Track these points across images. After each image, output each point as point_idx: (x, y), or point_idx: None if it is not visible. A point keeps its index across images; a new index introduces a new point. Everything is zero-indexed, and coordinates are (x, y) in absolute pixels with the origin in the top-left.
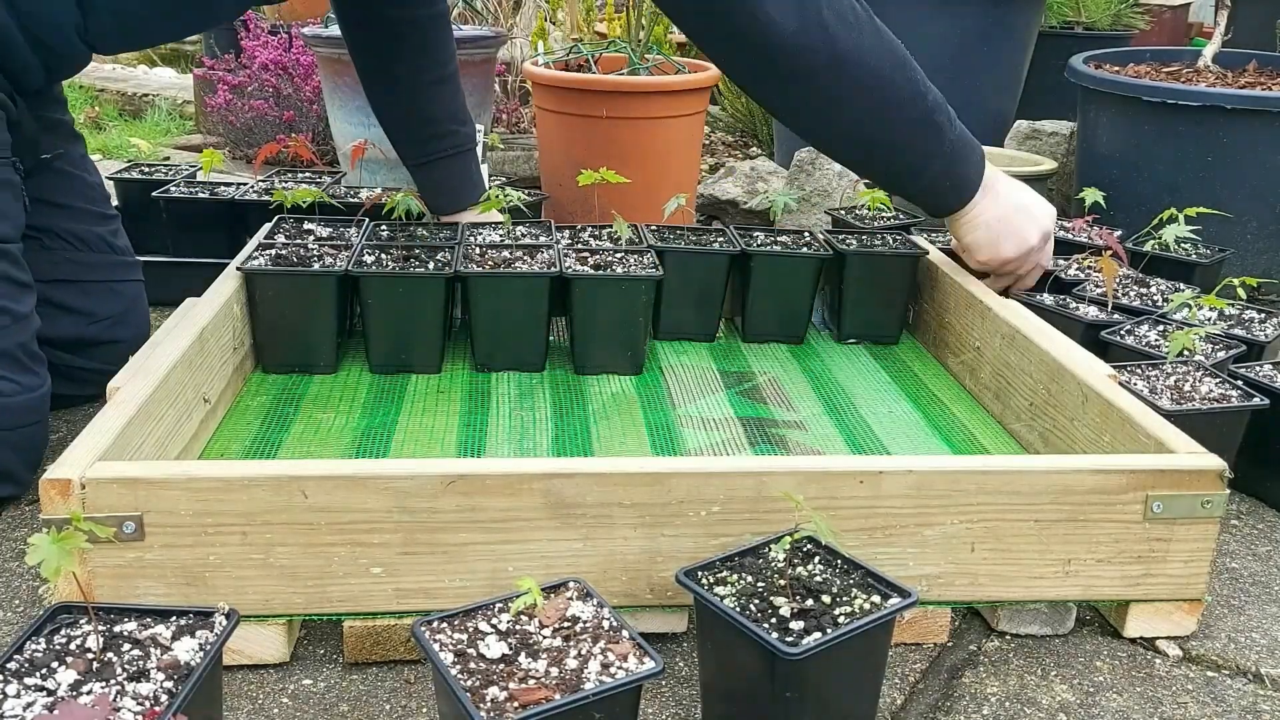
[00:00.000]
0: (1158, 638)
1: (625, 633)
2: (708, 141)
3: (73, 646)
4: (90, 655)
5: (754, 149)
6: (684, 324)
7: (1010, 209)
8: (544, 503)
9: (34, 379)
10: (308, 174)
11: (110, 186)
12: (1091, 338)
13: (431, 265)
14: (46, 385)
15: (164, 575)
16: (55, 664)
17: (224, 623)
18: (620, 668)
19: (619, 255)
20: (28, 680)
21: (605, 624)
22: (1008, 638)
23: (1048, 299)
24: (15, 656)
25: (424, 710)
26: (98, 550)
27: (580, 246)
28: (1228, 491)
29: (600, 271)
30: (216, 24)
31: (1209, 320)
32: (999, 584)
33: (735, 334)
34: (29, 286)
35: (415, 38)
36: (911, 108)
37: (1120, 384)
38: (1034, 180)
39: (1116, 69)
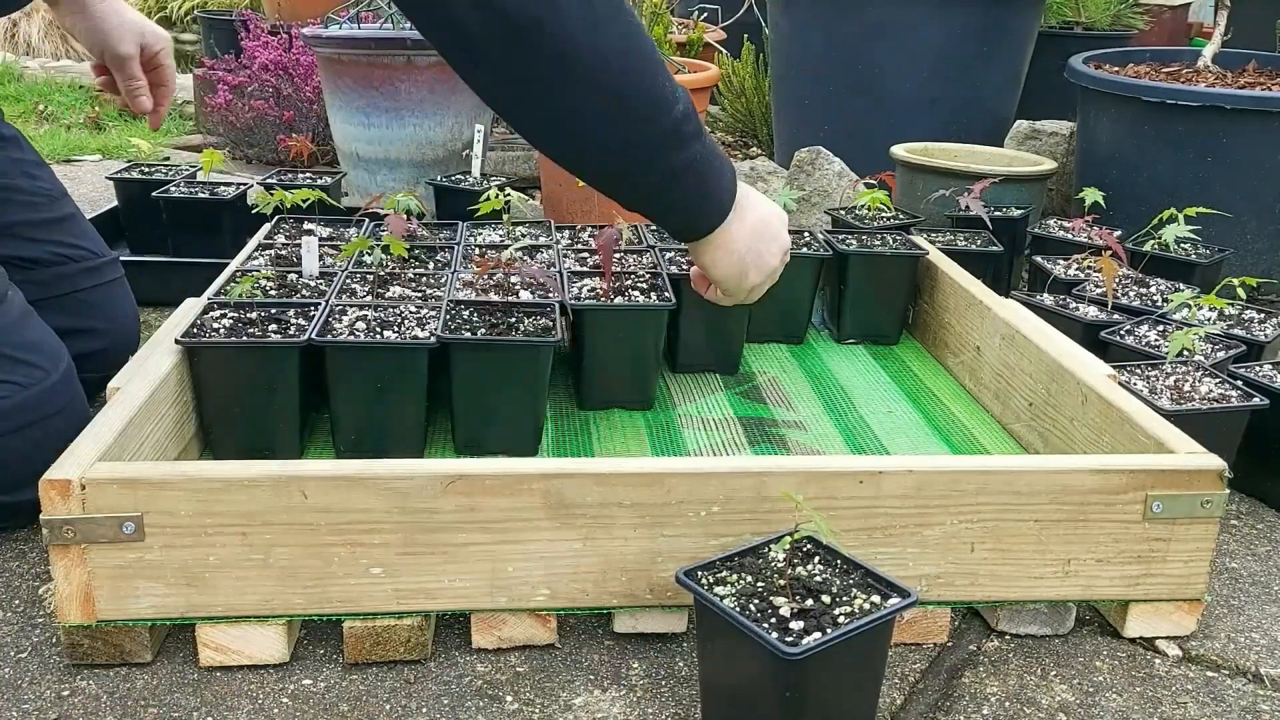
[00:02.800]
0: (1157, 638)
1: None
2: None
3: None
4: None
5: (754, 149)
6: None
7: (755, 229)
8: (544, 503)
9: (34, 371)
10: (309, 174)
11: (110, 187)
12: (1091, 338)
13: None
14: (57, 371)
15: (164, 575)
16: None
17: None
18: (869, 601)
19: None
20: None
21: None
22: (1007, 638)
23: (1047, 299)
24: None
25: (424, 710)
26: (97, 551)
27: (580, 247)
28: (1227, 491)
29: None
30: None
31: (1208, 320)
32: (999, 584)
33: None
34: None
35: None
36: (657, 117)
37: (1120, 384)
38: (1034, 180)
39: (1116, 69)
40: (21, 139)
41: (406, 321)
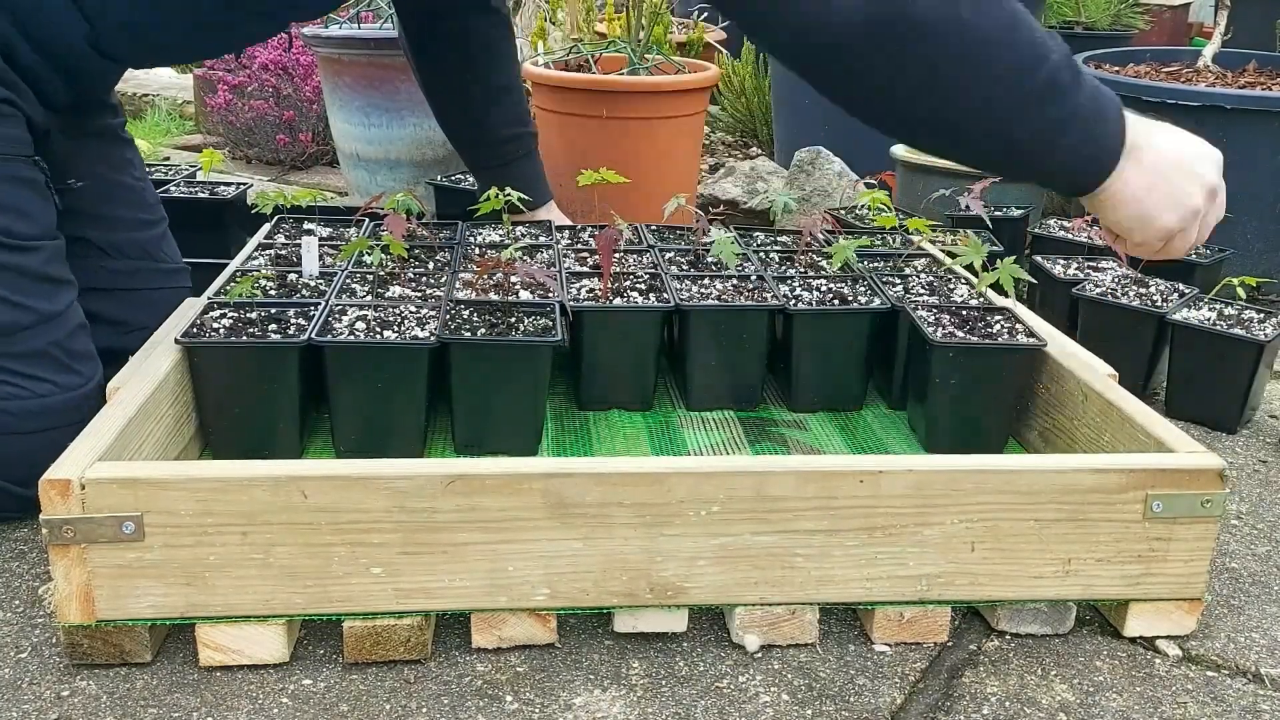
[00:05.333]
0: (1157, 637)
1: None
2: (708, 141)
3: None
4: None
5: (754, 149)
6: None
7: (1166, 169)
8: (544, 503)
9: (73, 378)
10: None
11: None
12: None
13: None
14: (91, 383)
15: (164, 575)
16: None
17: None
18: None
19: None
20: None
21: None
22: (1007, 637)
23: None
24: None
25: (424, 710)
26: (97, 550)
27: (580, 247)
28: (1228, 491)
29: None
30: (229, 52)
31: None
32: (999, 583)
33: None
34: (65, 283)
35: (480, 46)
36: (1028, 75)
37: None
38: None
39: (1116, 69)
40: (134, 146)
41: (406, 321)
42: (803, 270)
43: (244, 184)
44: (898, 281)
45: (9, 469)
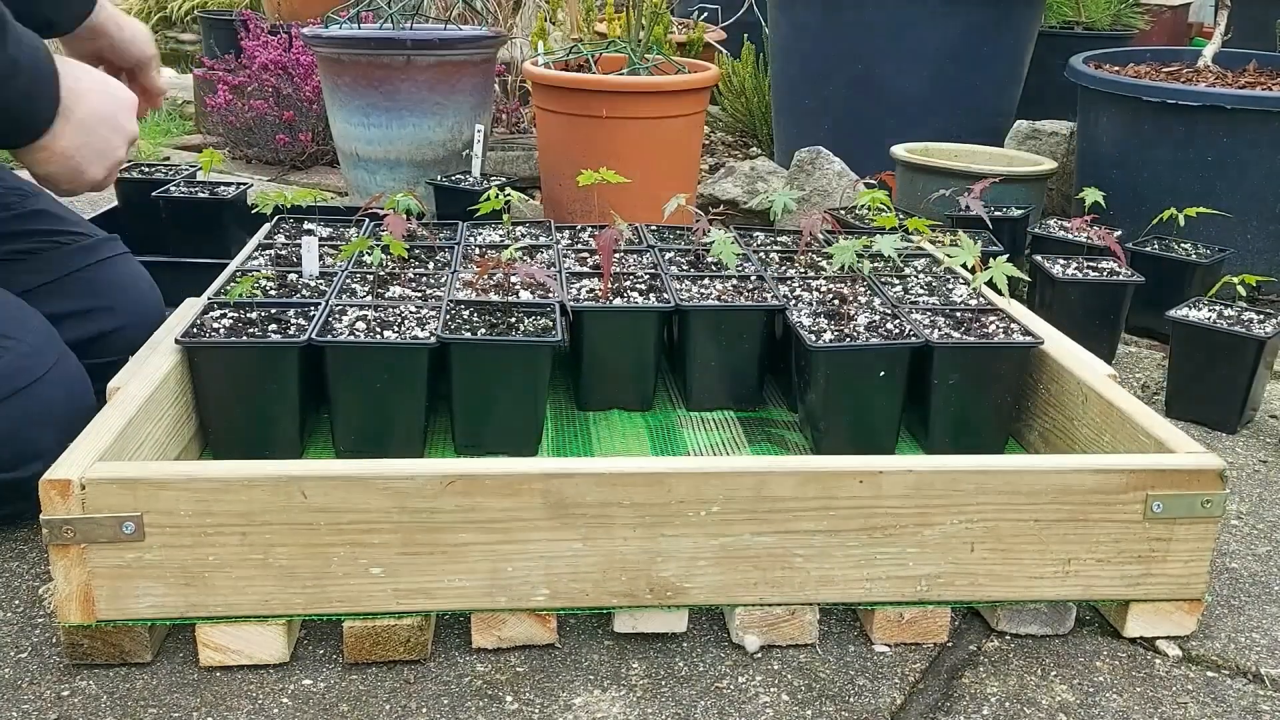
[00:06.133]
0: (1158, 637)
1: None
2: (708, 141)
3: None
4: None
5: (754, 149)
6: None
7: (91, 124)
8: (543, 503)
9: None
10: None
11: (109, 188)
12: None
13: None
14: (23, 345)
15: (164, 575)
16: None
17: None
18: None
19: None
20: None
21: None
22: (1007, 638)
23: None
24: None
25: (424, 710)
26: (97, 550)
27: (580, 247)
28: (1228, 491)
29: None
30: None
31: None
32: (999, 584)
33: None
34: None
35: None
36: None
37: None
38: (1034, 180)
39: (1116, 69)
40: None
41: (406, 321)
42: (802, 270)
43: (244, 184)
44: (896, 281)
45: None
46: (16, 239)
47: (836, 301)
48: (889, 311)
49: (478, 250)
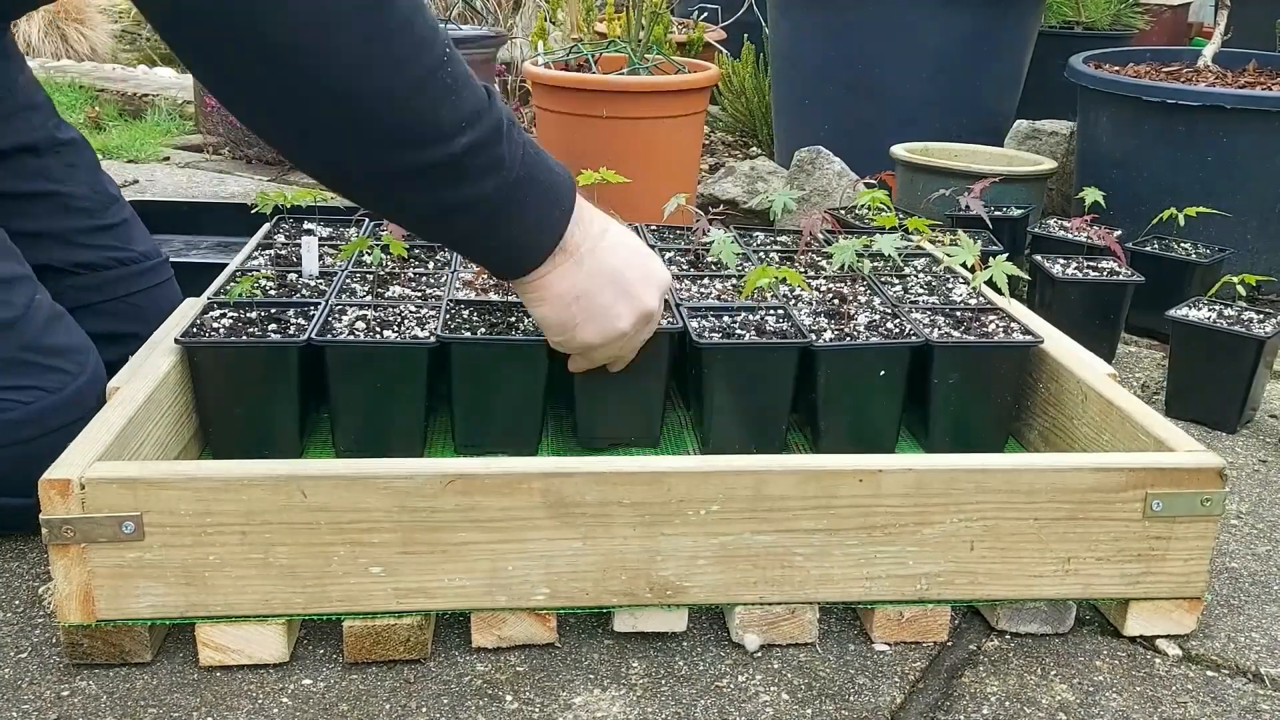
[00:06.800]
0: (1157, 637)
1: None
2: (708, 141)
3: None
4: None
5: (754, 149)
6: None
7: (600, 280)
8: (543, 502)
9: (58, 377)
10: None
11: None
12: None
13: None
14: (84, 373)
15: (163, 575)
16: None
17: None
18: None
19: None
20: None
21: None
22: (1007, 637)
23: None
24: None
25: (424, 710)
26: (97, 550)
27: None
28: (1228, 490)
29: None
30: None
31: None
32: (998, 582)
33: None
34: (18, 279)
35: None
36: (419, 146)
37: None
38: (1034, 180)
39: (1116, 69)
40: (82, 142)
41: (406, 321)
42: (802, 270)
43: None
44: (896, 281)
45: (12, 483)
46: (84, 250)
47: (836, 301)
48: (889, 311)
49: None
